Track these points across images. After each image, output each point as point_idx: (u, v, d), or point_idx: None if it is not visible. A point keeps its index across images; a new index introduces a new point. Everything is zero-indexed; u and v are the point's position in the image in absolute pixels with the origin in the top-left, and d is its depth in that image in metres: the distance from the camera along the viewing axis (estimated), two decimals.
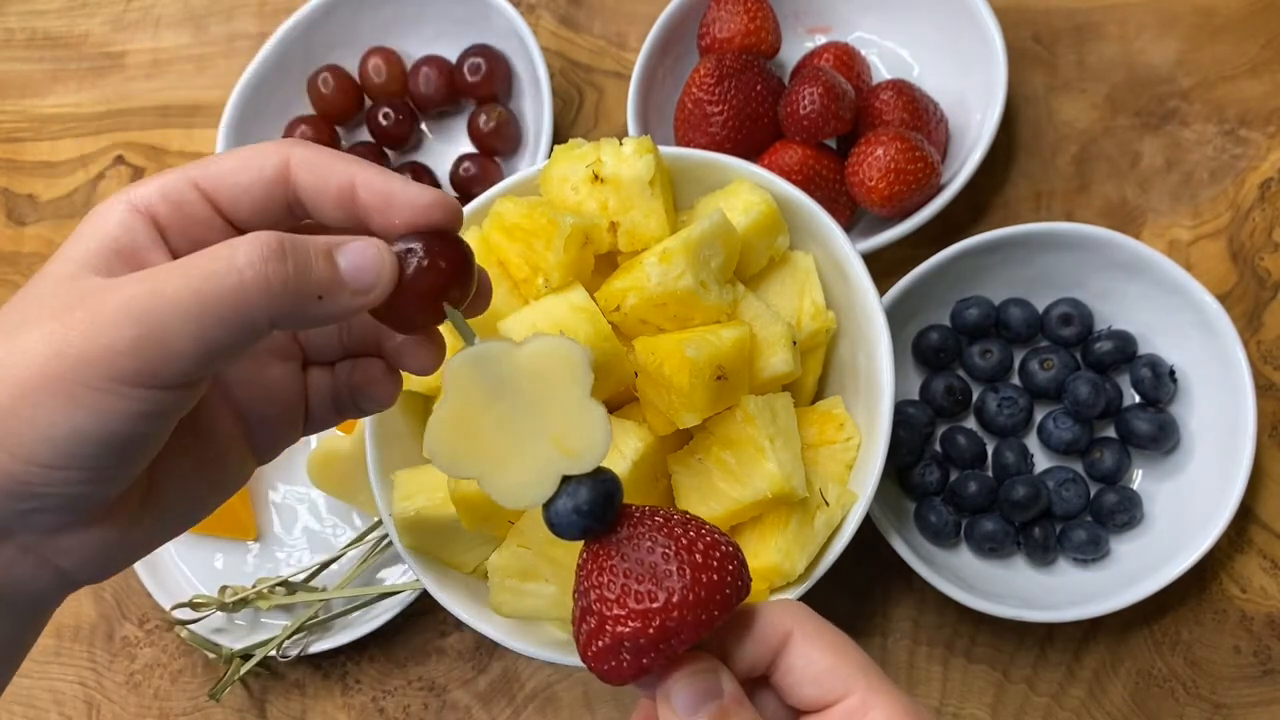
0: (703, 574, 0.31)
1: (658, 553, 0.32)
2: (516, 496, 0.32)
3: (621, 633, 0.31)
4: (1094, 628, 0.58)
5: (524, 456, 0.32)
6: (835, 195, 0.62)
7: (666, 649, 0.31)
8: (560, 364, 0.32)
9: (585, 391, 0.32)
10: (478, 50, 0.69)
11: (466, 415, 0.32)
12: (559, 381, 0.32)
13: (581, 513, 0.32)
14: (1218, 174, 0.63)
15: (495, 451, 0.32)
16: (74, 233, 0.32)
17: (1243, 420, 0.54)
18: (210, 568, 0.69)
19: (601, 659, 0.32)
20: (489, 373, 0.32)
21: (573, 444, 0.32)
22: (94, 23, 0.82)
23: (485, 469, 0.32)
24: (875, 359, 0.49)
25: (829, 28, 0.68)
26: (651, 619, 0.31)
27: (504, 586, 0.47)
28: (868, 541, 0.56)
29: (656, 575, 0.31)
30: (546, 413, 0.32)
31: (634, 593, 0.31)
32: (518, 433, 0.32)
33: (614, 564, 0.32)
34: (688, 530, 0.32)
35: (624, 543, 0.32)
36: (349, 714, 0.65)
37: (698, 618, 0.31)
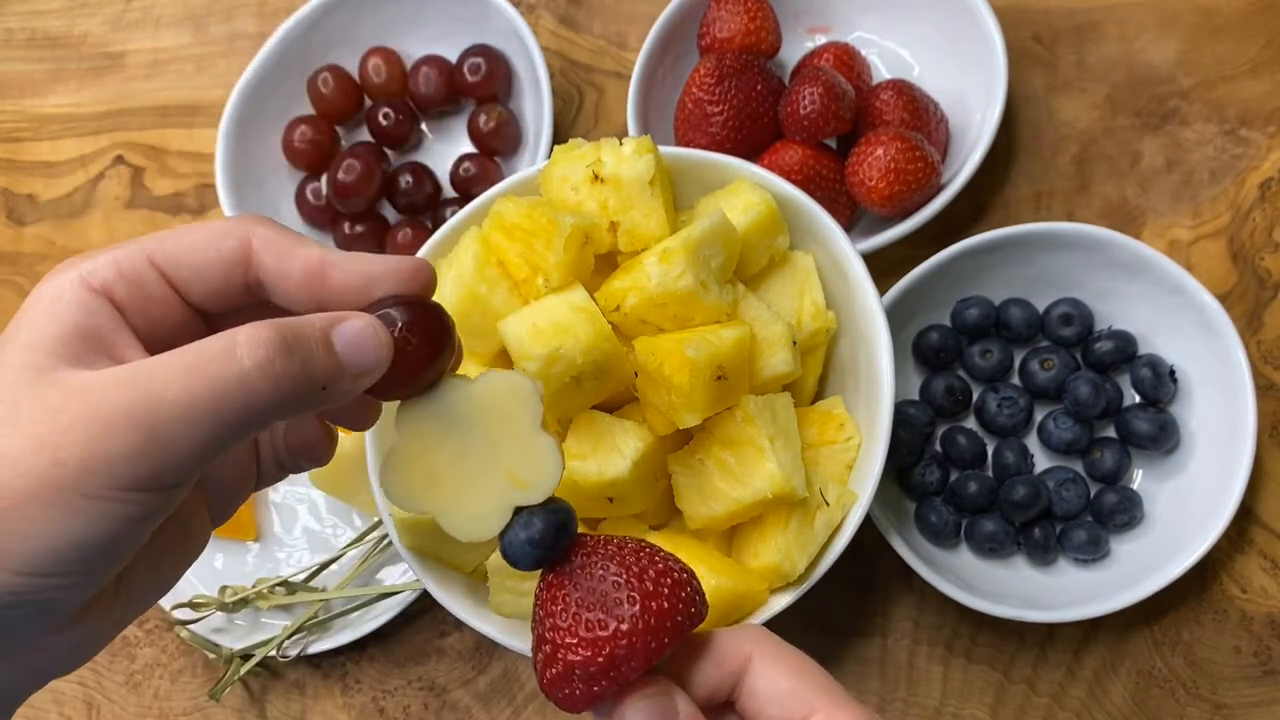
0: (653, 601, 0.32)
1: (609, 581, 0.32)
2: (470, 530, 0.33)
3: (573, 661, 0.32)
4: (1094, 628, 0.58)
5: (477, 490, 0.33)
6: (835, 195, 0.62)
7: (617, 676, 0.32)
8: (510, 398, 0.33)
9: (535, 423, 0.33)
10: (478, 50, 0.69)
11: (420, 453, 0.33)
12: (510, 415, 0.33)
13: (534, 543, 0.33)
14: (1218, 174, 0.63)
15: (449, 487, 0.33)
16: (24, 313, 0.30)
17: (1243, 420, 0.54)
18: (210, 568, 0.69)
19: (555, 687, 0.33)
20: (441, 410, 0.33)
21: (524, 475, 0.33)
22: (94, 23, 0.82)
23: (440, 505, 0.33)
24: (875, 359, 0.49)
25: (829, 28, 0.68)
26: (601, 647, 0.31)
27: (504, 587, 0.47)
28: (868, 542, 0.56)
29: (607, 604, 0.32)
30: (498, 446, 0.33)
31: (585, 621, 0.32)
32: (470, 468, 0.33)
33: (566, 593, 0.33)
34: (639, 558, 0.33)
35: (577, 572, 0.33)
36: (349, 714, 0.65)
37: (647, 645, 0.32)
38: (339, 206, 0.68)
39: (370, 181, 0.67)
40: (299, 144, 0.70)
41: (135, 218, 0.77)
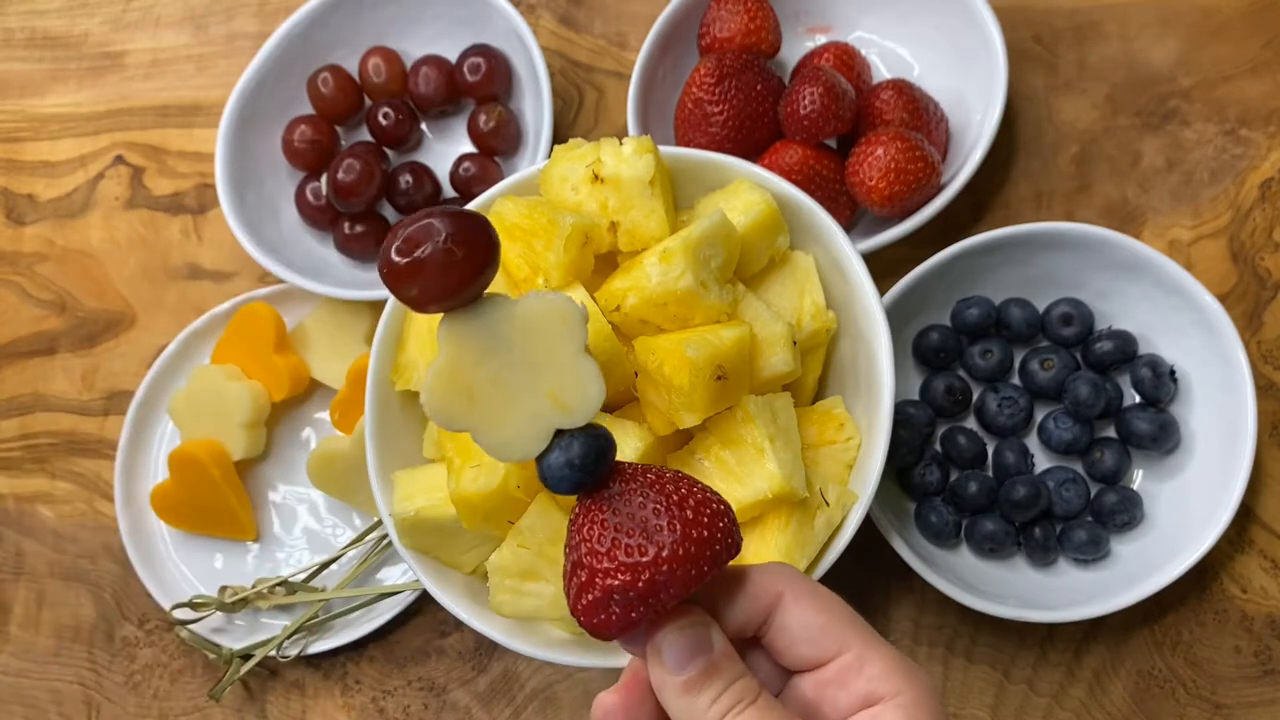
0: (693, 529, 0.32)
1: (649, 508, 0.32)
2: (509, 450, 0.33)
3: (611, 585, 0.31)
4: (1094, 628, 0.58)
5: (517, 411, 0.32)
6: (835, 195, 0.62)
7: (655, 603, 0.32)
8: (555, 320, 0.32)
9: (579, 347, 0.33)
10: (478, 50, 0.69)
11: (460, 370, 0.32)
12: (553, 337, 0.32)
13: (574, 466, 0.32)
14: (1218, 174, 0.63)
15: (489, 406, 0.32)
16: None
17: (1243, 420, 0.54)
18: (210, 568, 0.69)
19: (591, 612, 0.32)
20: (483, 328, 0.32)
21: (566, 398, 0.32)
22: (94, 22, 0.81)
23: (479, 423, 0.32)
24: (875, 359, 0.49)
25: (829, 27, 0.68)
26: (641, 572, 0.31)
27: (504, 586, 0.47)
28: (868, 542, 0.56)
29: (647, 530, 0.32)
30: (540, 368, 0.32)
31: (624, 546, 0.31)
32: (511, 387, 0.32)
33: (605, 518, 0.32)
34: (679, 487, 0.33)
35: (615, 498, 0.32)
36: (349, 714, 0.65)
37: (687, 572, 0.31)
38: (339, 206, 0.68)
39: (370, 181, 0.67)
40: (299, 144, 0.69)
41: (135, 218, 0.77)
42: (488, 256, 0.32)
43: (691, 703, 0.33)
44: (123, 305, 0.76)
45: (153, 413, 0.71)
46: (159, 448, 0.71)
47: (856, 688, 0.33)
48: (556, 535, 0.46)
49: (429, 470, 0.51)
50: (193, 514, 0.68)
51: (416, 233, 0.31)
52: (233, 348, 0.68)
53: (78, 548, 0.72)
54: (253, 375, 0.67)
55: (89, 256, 0.77)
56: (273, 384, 0.67)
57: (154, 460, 0.71)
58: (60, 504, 0.73)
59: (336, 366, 0.67)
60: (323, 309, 0.69)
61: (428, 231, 0.31)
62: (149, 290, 0.75)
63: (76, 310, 0.76)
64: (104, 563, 0.71)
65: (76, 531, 0.72)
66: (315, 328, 0.69)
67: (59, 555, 0.72)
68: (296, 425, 0.70)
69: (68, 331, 0.76)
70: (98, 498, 0.73)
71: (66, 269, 0.77)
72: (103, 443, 0.74)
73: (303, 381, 0.68)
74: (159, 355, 0.71)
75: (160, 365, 0.70)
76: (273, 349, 0.67)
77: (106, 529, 0.71)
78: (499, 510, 0.47)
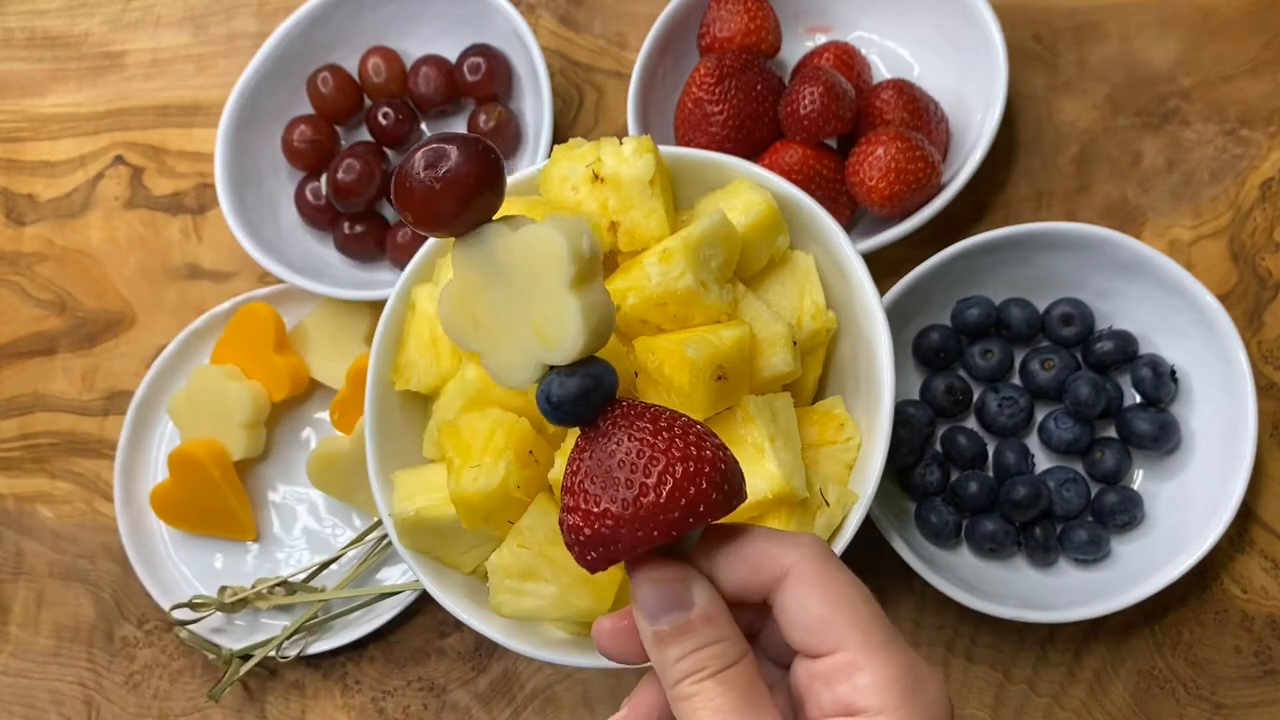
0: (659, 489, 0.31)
1: (617, 457, 0.31)
2: (505, 378, 0.33)
3: (571, 524, 0.32)
4: (1095, 628, 0.58)
5: (511, 341, 0.33)
6: (835, 195, 0.62)
7: (606, 554, 0.31)
8: (545, 253, 0.32)
9: (564, 283, 0.32)
10: (478, 50, 0.69)
11: (466, 295, 0.33)
12: (541, 270, 0.32)
13: (552, 402, 0.32)
14: (1218, 174, 0.63)
15: (491, 332, 0.33)
16: None
17: (1243, 420, 0.54)
18: (210, 568, 0.68)
19: (566, 537, 0.32)
20: (485, 256, 0.33)
21: (549, 334, 0.32)
22: (94, 22, 0.81)
23: (484, 346, 0.33)
24: (875, 359, 0.49)
25: (829, 27, 0.68)
26: (591, 521, 0.31)
27: (504, 587, 0.47)
28: (868, 542, 0.56)
29: (609, 479, 0.31)
30: (529, 300, 0.32)
31: (584, 492, 0.32)
32: (506, 318, 0.33)
33: (582, 458, 0.32)
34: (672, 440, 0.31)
35: (597, 439, 0.32)
36: (349, 714, 0.65)
37: (633, 534, 0.31)
38: (339, 206, 0.68)
39: (370, 181, 0.67)
40: (299, 144, 0.69)
41: (135, 217, 0.77)
42: (492, 180, 0.32)
43: (659, 655, 0.32)
44: (123, 305, 0.76)
45: (152, 413, 0.71)
46: (159, 448, 0.71)
47: (839, 692, 0.31)
48: (556, 535, 0.46)
49: (429, 470, 0.51)
50: (192, 514, 0.68)
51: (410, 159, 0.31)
52: (232, 348, 0.68)
53: (77, 548, 0.72)
54: (253, 375, 0.67)
55: (89, 256, 0.77)
56: (273, 384, 0.67)
57: (154, 460, 0.71)
58: (60, 504, 0.73)
59: (336, 366, 0.67)
60: (322, 309, 0.69)
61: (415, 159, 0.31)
62: (149, 290, 0.75)
63: (76, 310, 0.76)
64: (103, 563, 0.71)
65: (76, 531, 0.72)
66: (315, 328, 0.69)
67: (58, 555, 0.72)
68: (296, 425, 0.70)
69: (68, 331, 0.76)
70: (97, 498, 0.73)
71: (66, 269, 0.77)
72: (102, 443, 0.73)
73: (303, 381, 0.68)
74: (159, 355, 0.71)
75: (160, 365, 0.70)
76: (273, 349, 0.67)
77: (106, 529, 0.71)
78: (499, 510, 0.47)
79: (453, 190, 0.31)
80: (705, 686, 0.31)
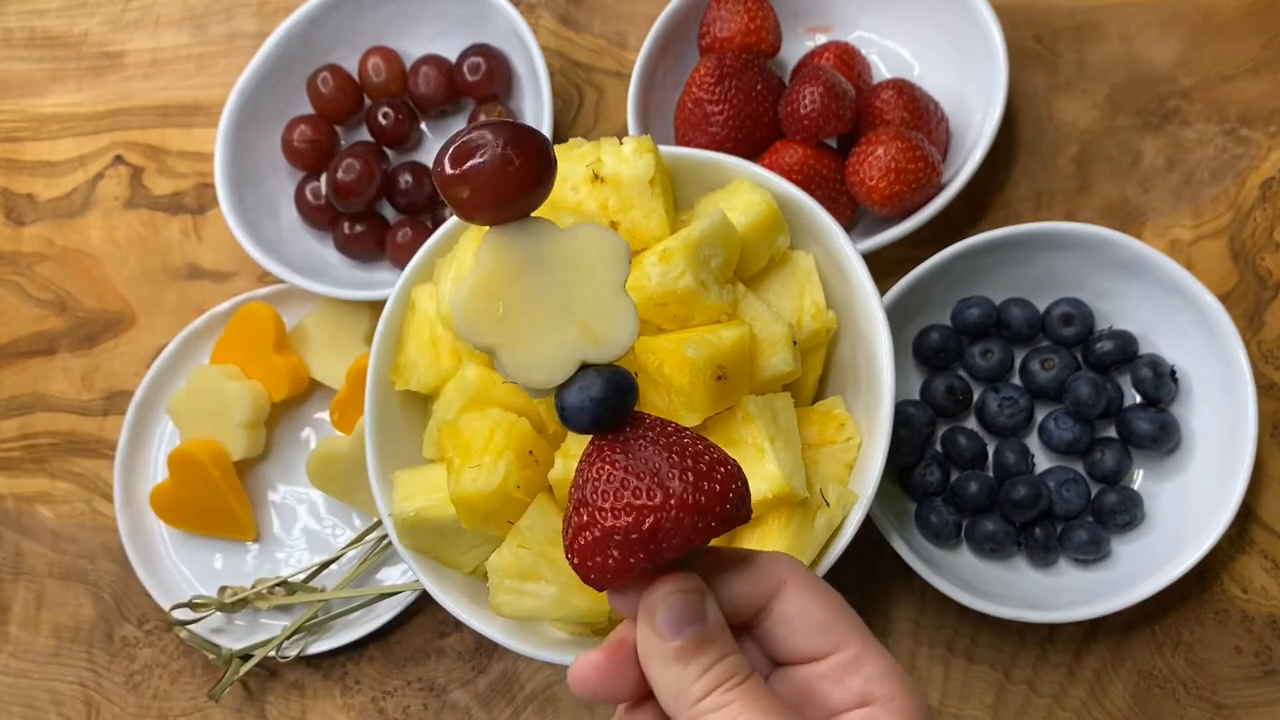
0: (705, 483, 0.31)
1: (662, 455, 0.31)
2: (531, 374, 0.32)
3: (613, 526, 0.31)
4: (1095, 628, 0.58)
5: (546, 335, 0.32)
6: (835, 195, 0.62)
7: (655, 551, 0.31)
8: (601, 252, 0.32)
9: (619, 284, 0.32)
10: (477, 50, 0.69)
11: (497, 285, 0.32)
12: (595, 268, 0.32)
13: (595, 401, 0.31)
14: (1219, 173, 0.63)
15: (519, 325, 0.32)
16: None
17: (1244, 420, 0.54)
18: (209, 568, 0.68)
19: (586, 553, 0.31)
20: (526, 246, 0.32)
21: (599, 331, 0.32)
22: (93, 22, 0.81)
23: (506, 341, 0.32)
24: (876, 359, 0.49)
25: (829, 27, 0.68)
26: (646, 515, 0.30)
27: (504, 587, 0.47)
28: (868, 542, 0.56)
29: (658, 475, 0.31)
30: (576, 296, 0.32)
31: (632, 488, 0.31)
32: (545, 310, 0.32)
33: (617, 458, 0.31)
34: (695, 444, 0.32)
35: (629, 441, 0.32)
36: (348, 714, 0.65)
37: (694, 523, 0.31)
38: (338, 206, 0.68)
39: (370, 181, 0.67)
40: (298, 144, 0.69)
41: (134, 217, 0.77)
42: (544, 172, 0.32)
43: (680, 672, 0.31)
44: (122, 305, 0.76)
45: (152, 413, 0.71)
46: (159, 448, 0.71)
47: (853, 685, 0.32)
48: (556, 535, 0.46)
49: (429, 470, 0.51)
50: (192, 514, 0.68)
51: (477, 137, 0.31)
52: (232, 348, 0.68)
53: (77, 548, 0.72)
54: (252, 375, 0.67)
55: (89, 256, 0.77)
56: (272, 384, 0.67)
57: (154, 460, 0.71)
58: (60, 504, 0.73)
59: (336, 366, 0.67)
60: (322, 309, 0.69)
61: (488, 137, 0.31)
62: (149, 290, 0.75)
63: (76, 310, 0.76)
64: (103, 563, 0.71)
65: (76, 531, 0.72)
66: (315, 328, 0.68)
67: (58, 555, 0.72)
68: (296, 425, 0.70)
69: (67, 331, 0.76)
70: (97, 498, 0.73)
71: (66, 269, 0.77)
72: (102, 443, 0.73)
73: (302, 381, 0.68)
74: (158, 355, 0.71)
75: (160, 365, 0.70)
76: (272, 349, 0.67)
77: (106, 529, 0.71)
78: (499, 510, 0.47)
79: (529, 169, 0.31)
80: (740, 693, 0.31)
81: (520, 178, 0.31)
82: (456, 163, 0.31)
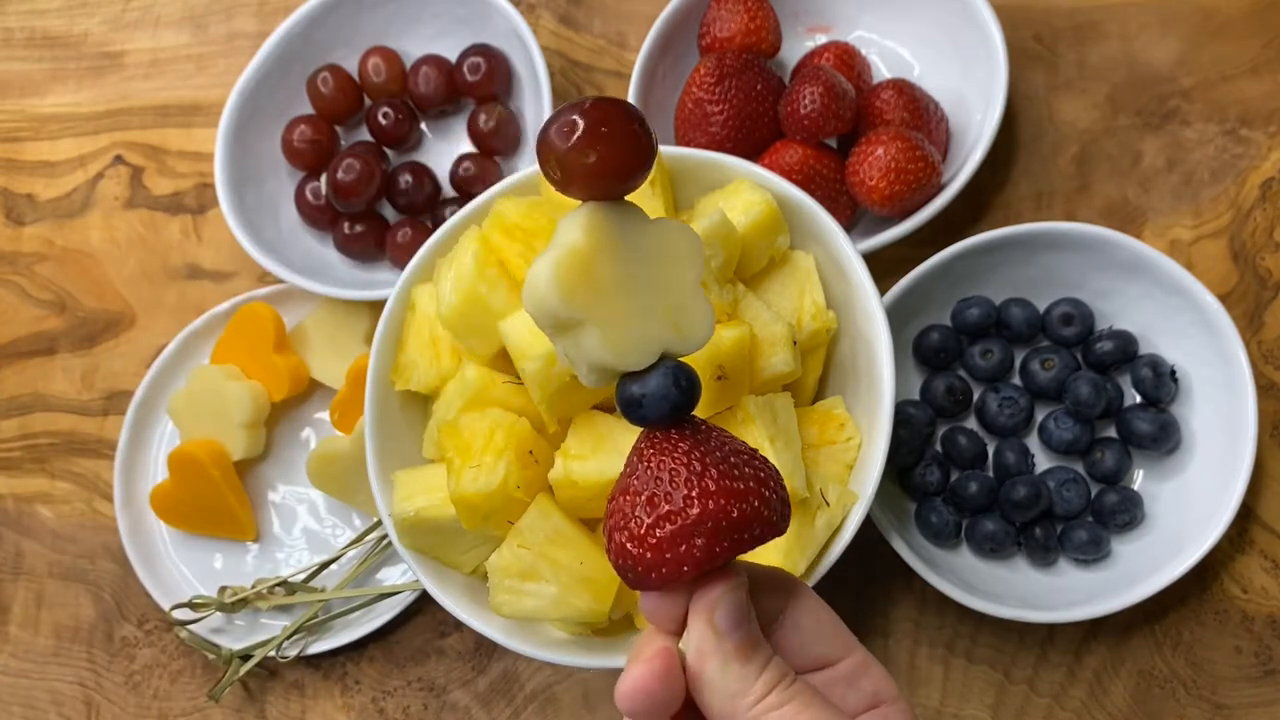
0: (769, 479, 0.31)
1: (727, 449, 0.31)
2: (621, 355, 0.32)
3: (702, 512, 0.30)
4: (1095, 628, 0.58)
5: (638, 319, 0.32)
6: (835, 195, 0.62)
7: (739, 541, 0.30)
8: (685, 246, 0.33)
9: (698, 279, 0.33)
10: (477, 50, 0.69)
11: (594, 260, 0.32)
12: (681, 262, 0.33)
13: (680, 389, 0.32)
14: (1219, 173, 0.63)
15: (612, 305, 0.32)
16: None
17: (1244, 420, 0.54)
18: (209, 568, 0.68)
19: (665, 546, 0.30)
20: (622, 227, 0.32)
21: (683, 323, 0.32)
22: (93, 22, 0.81)
23: (595, 319, 0.32)
24: (875, 359, 0.49)
25: (829, 27, 0.68)
26: (734, 502, 0.30)
27: (504, 587, 0.47)
28: (868, 542, 0.56)
29: (739, 463, 0.31)
30: (665, 287, 0.32)
31: (716, 473, 0.30)
32: (638, 294, 0.32)
33: (694, 449, 0.31)
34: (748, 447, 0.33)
35: (700, 432, 0.32)
36: (348, 714, 0.65)
37: (768, 516, 0.31)
38: (338, 206, 0.68)
39: (370, 181, 0.67)
40: (298, 144, 0.69)
41: (134, 217, 0.77)
42: (653, 155, 0.32)
43: (741, 670, 0.31)
44: (122, 305, 0.76)
45: (152, 413, 0.71)
46: (158, 448, 0.71)
47: (864, 687, 0.34)
48: (556, 535, 0.46)
49: (429, 470, 0.51)
50: (192, 514, 0.68)
51: (609, 106, 0.31)
52: (232, 348, 0.68)
53: (77, 548, 0.72)
54: (252, 375, 0.67)
55: (88, 256, 0.77)
56: (272, 384, 0.67)
57: (153, 460, 0.71)
58: (60, 504, 0.73)
59: (336, 366, 0.67)
60: (322, 309, 0.69)
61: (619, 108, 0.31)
62: (149, 290, 0.75)
63: (76, 310, 0.76)
64: (103, 563, 0.71)
65: (76, 531, 0.72)
66: (315, 328, 0.68)
67: (58, 555, 0.72)
68: (296, 425, 0.70)
69: (67, 331, 0.76)
70: (97, 498, 0.73)
71: (66, 269, 0.77)
72: (102, 443, 0.73)
73: (302, 381, 0.68)
74: (158, 355, 0.71)
75: (160, 365, 0.70)
76: (272, 349, 0.67)
77: (106, 529, 0.71)
78: (499, 510, 0.47)
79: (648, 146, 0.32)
80: (796, 690, 0.32)
81: (643, 152, 0.31)
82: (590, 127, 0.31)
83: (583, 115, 0.31)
